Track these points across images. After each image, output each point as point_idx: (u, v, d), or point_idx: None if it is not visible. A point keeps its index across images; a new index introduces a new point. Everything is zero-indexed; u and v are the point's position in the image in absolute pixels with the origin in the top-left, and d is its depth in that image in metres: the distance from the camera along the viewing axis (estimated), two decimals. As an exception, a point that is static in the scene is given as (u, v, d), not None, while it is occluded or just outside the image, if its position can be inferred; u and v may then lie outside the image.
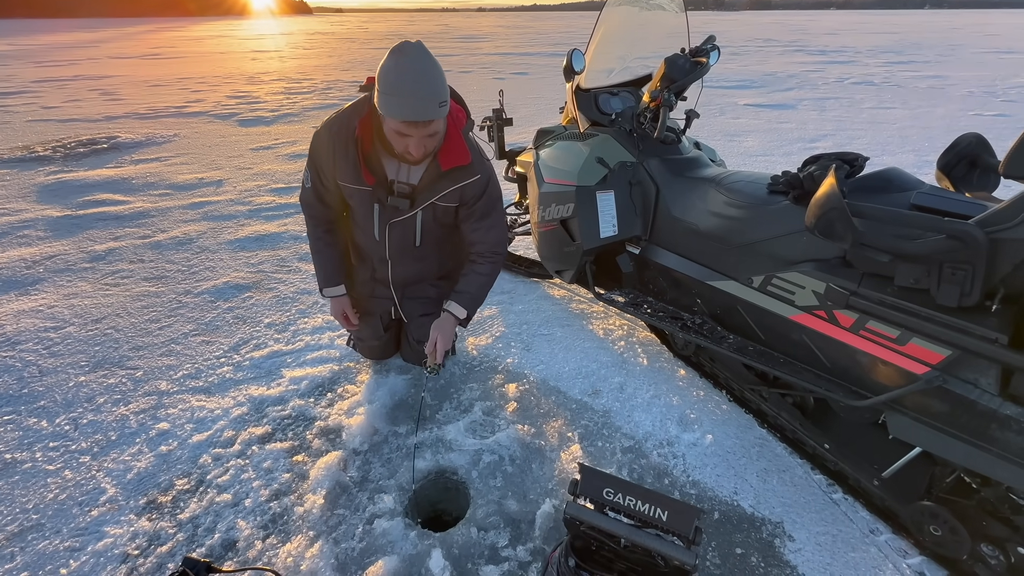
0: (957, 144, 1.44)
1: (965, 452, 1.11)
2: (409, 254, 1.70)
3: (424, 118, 1.29)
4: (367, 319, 1.86)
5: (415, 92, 1.25)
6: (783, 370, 1.47)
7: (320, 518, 1.41)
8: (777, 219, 1.48)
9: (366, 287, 1.82)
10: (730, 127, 6.14)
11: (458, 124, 1.52)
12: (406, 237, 1.65)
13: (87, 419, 1.78)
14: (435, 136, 1.39)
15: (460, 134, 1.51)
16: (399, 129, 1.33)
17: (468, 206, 1.60)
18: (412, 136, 1.34)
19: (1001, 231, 1.01)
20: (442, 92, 1.30)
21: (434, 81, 1.28)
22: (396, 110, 1.28)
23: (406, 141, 1.36)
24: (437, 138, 1.41)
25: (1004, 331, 1.02)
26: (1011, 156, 0.99)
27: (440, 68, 1.31)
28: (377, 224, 1.61)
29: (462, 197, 1.57)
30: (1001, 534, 1.17)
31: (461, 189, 1.55)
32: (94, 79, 10.91)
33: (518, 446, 1.62)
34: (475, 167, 1.53)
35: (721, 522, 1.40)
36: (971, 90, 8.47)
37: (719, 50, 2.03)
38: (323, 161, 1.54)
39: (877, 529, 1.38)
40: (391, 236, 1.63)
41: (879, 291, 1.22)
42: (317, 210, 1.68)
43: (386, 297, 1.81)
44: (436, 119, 1.32)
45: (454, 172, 1.51)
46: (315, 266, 1.76)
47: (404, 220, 1.59)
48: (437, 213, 1.60)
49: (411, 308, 1.83)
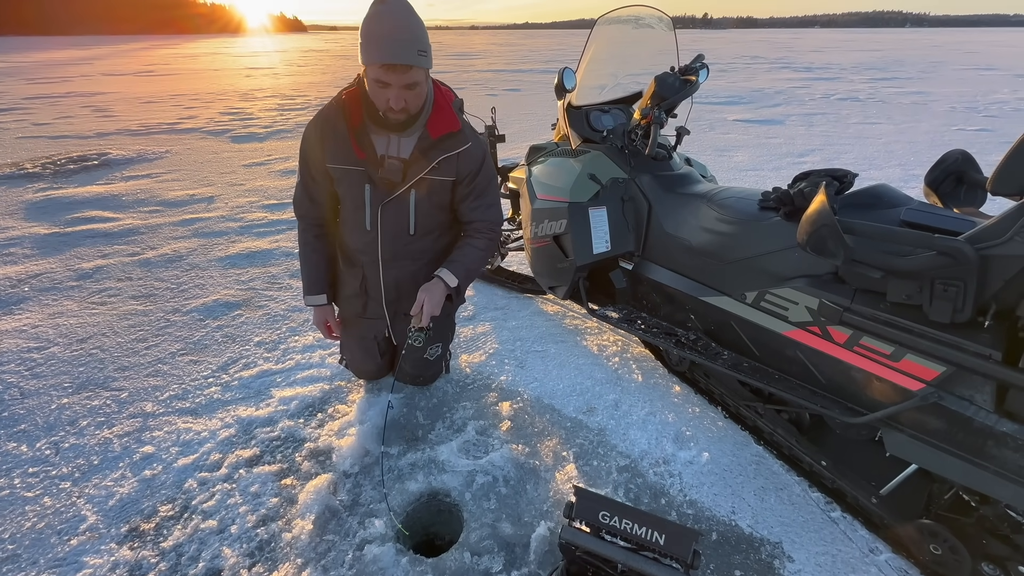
0: (944, 160, 1.46)
1: (963, 470, 1.10)
2: (403, 250, 1.63)
3: (402, 60, 1.28)
4: (361, 343, 1.82)
5: (392, 35, 1.26)
6: (778, 387, 1.46)
7: (308, 544, 1.37)
8: (769, 235, 1.48)
9: (356, 303, 1.75)
10: (720, 142, 6.22)
11: (447, 98, 1.53)
12: (399, 222, 1.58)
13: (69, 443, 1.73)
14: (415, 89, 1.35)
15: (450, 106, 1.52)
16: (378, 76, 1.31)
17: (466, 182, 1.57)
18: (392, 86, 1.32)
19: (991, 247, 1.01)
20: (421, 40, 1.30)
21: (413, 28, 1.28)
22: (375, 53, 1.28)
23: (387, 92, 1.34)
24: (418, 93, 1.37)
25: (997, 347, 1.02)
26: (998, 173, 1.00)
27: (420, 20, 1.31)
28: (369, 208, 1.54)
29: (458, 171, 1.54)
30: (1002, 553, 1.16)
31: (456, 159, 1.51)
32: (86, 96, 10.90)
33: (512, 466, 1.59)
34: (466, 135, 1.52)
35: (719, 543, 1.37)
36: (953, 106, 8.66)
37: (708, 68, 2.05)
38: (312, 150, 1.53)
39: (877, 548, 1.36)
40: (383, 223, 1.56)
41: (872, 307, 1.21)
42: (306, 209, 1.65)
43: (378, 316, 1.76)
44: (415, 66, 1.30)
45: (444, 141, 1.49)
46: (301, 273, 1.73)
47: (397, 201, 1.53)
48: (431, 191, 1.55)
49: (403, 328, 1.76)
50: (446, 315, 1.80)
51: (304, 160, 1.57)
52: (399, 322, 1.77)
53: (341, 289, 1.76)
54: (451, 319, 1.93)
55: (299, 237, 1.71)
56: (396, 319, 1.77)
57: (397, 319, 1.77)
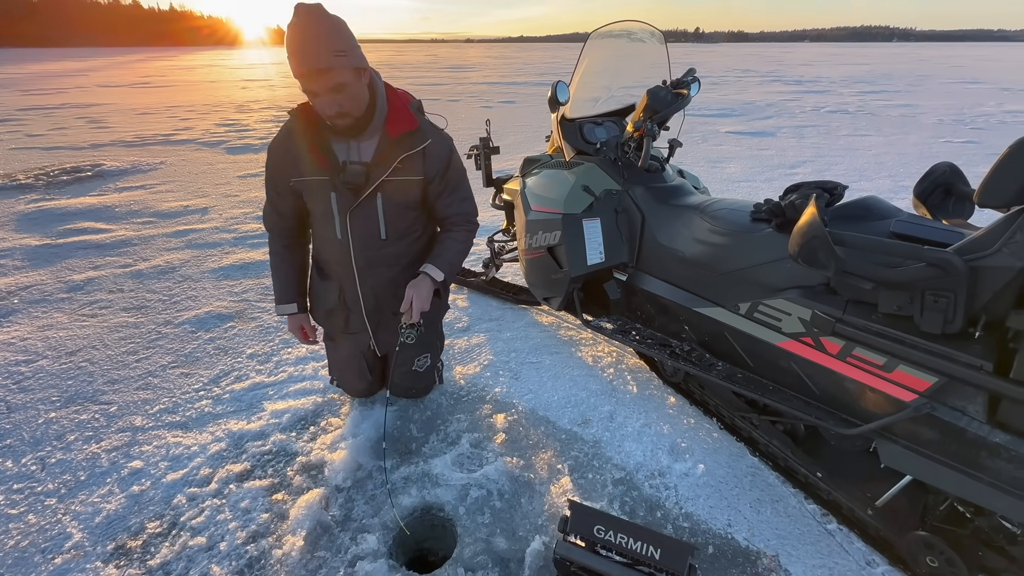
0: (932, 173, 1.48)
1: (957, 481, 1.10)
2: (376, 256, 1.60)
3: (316, 65, 1.28)
4: (349, 361, 1.81)
5: (305, 43, 1.26)
6: (772, 397, 1.46)
7: (300, 561, 1.34)
8: (761, 247, 1.49)
9: (337, 318, 1.72)
10: (713, 154, 6.29)
11: (404, 100, 1.54)
12: (370, 227, 1.55)
13: (55, 458, 1.70)
14: (345, 91, 1.34)
15: (407, 107, 1.52)
16: (305, 87, 1.32)
17: (438, 180, 1.57)
18: (319, 93, 1.32)
19: (980, 259, 1.02)
20: (335, 42, 1.29)
21: (326, 31, 1.28)
22: (294, 65, 1.29)
23: (319, 100, 1.34)
24: (350, 95, 1.36)
25: (988, 358, 1.03)
26: (984, 186, 1.01)
27: (337, 21, 1.31)
28: (337, 216, 1.52)
29: (425, 169, 1.54)
30: (998, 565, 1.15)
31: (421, 158, 1.51)
32: (81, 107, 10.90)
33: (507, 480, 1.58)
34: (425, 132, 1.52)
35: (716, 556, 1.36)
36: (941, 118, 8.81)
37: (699, 82, 2.08)
38: (276, 166, 1.53)
39: (873, 561, 1.35)
40: (353, 229, 1.54)
41: (864, 318, 1.22)
42: (273, 223, 1.65)
43: (361, 329, 1.73)
44: (334, 68, 1.30)
45: (404, 140, 1.49)
46: (273, 285, 1.72)
47: (364, 205, 1.52)
48: (398, 191, 1.54)
49: (386, 339, 1.75)
50: (434, 316, 1.79)
51: (269, 175, 1.57)
52: (382, 332, 1.74)
53: (321, 305, 1.73)
54: (438, 328, 1.92)
55: (269, 248, 1.71)
56: (379, 330, 1.73)
57: (380, 329, 1.73)
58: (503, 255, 2.84)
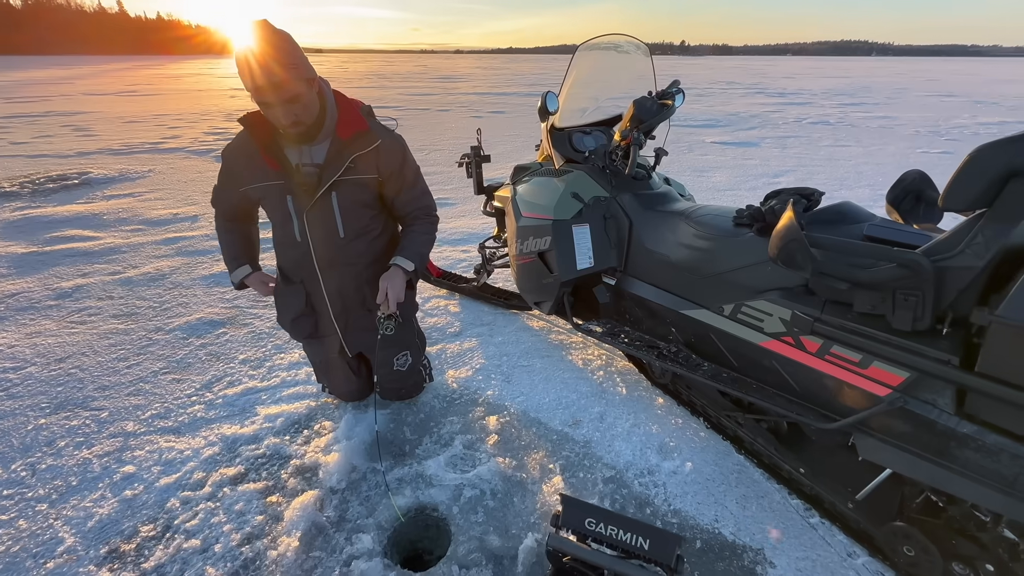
0: (903, 180, 1.56)
1: (929, 471, 1.16)
2: (337, 256, 1.62)
3: (271, 79, 1.32)
4: (331, 366, 1.83)
5: (257, 59, 1.31)
6: (756, 396, 1.51)
7: (295, 562, 1.36)
8: (743, 250, 1.55)
9: (306, 324, 1.72)
10: (699, 163, 6.42)
11: (355, 105, 1.58)
12: (327, 227, 1.58)
13: (46, 464, 1.69)
14: (297, 102, 1.39)
15: (356, 111, 1.56)
16: (258, 99, 1.36)
17: (394, 178, 1.61)
18: (273, 105, 1.36)
19: (945, 259, 1.09)
20: (287, 56, 1.33)
21: (276, 46, 1.32)
22: (248, 80, 1.33)
23: (274, 112, 1.38)
24: (304, 104, 1.41)
25: (955, 353, 1.09)
26: (947, 191, 1.07)
27: (286, 37, 1.35)
28: (295, 219, 1.55)
29: (379, 168, 1.57)
30: (970, 552, 1.21)
31: (374, 157, 1.55)
32: (67, 115, 10.80)
33: (499, 480, 1.61)
34: (376, 133, 1.56)
35: (704, 551, 1.40)
36: (918, 130, 9.08)
37: (683, 93, 2.16)
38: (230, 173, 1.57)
39: (855, 552, 1.40)
40: (312, 230, 1.57)
41: (841, 317, 1.28)
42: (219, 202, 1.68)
43: (330, 332, 1.74)
44: (287, 81, 1.34)
45: (355, 141, 1.53)
46: (223, 258, 1.73)
47: (320, 206, 1.54)
48: (352, 190, 1.57)
49: (356, 338, 1.76)
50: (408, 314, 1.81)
51: (223, 176, 1.61)
52: (351, 333, 1.75)
53: (288, 313, 1.73)
54: (414, 325, 1.92)
55: (216, 224, 1.73)
56: (347, 331, 1.74)
57: (348, 330, 1.74)
58: (494, 261, 2.88)
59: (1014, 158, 1.00)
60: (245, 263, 1.72)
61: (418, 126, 9.40)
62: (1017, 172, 1.00)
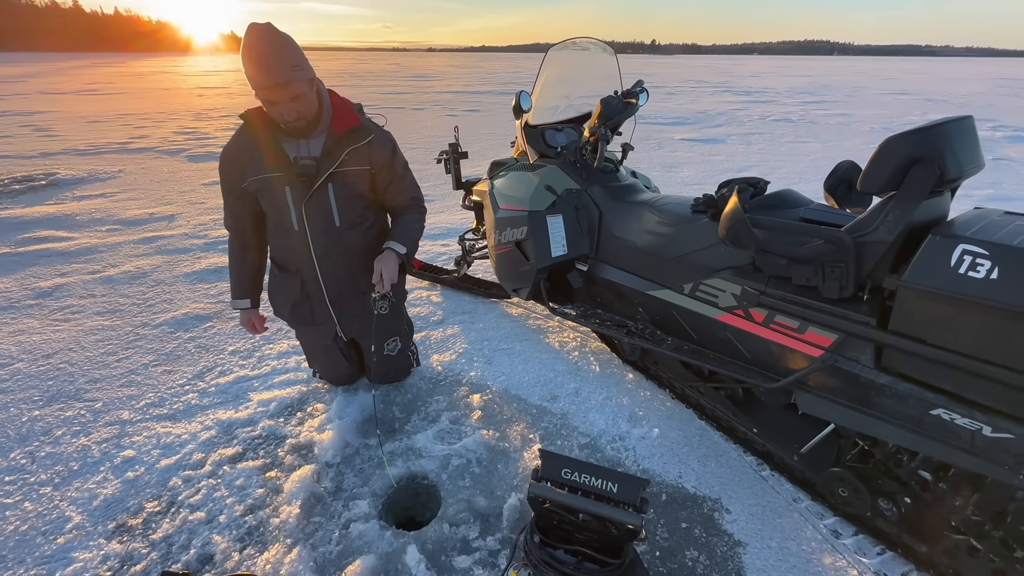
0: (838, 170, 1.75)
1: (856, 419, 1.35)
2: (334, 245, 1.70)
3: (277, 80, 1.43)
4: (324, 351, 1.92)
5: (265, 59, 1.42)
6: (714, 363, 1.69)
7: (296, 527, 1.47)
8: (699, 234, 1.72)
9: (303, 311, 1.80)
10: (668, 159, 6.66)
11: (347, 102, 1.71)
12: (324, 216, 1.66)
13: (45, 451, 1.75)
14: (301, 99, 1.50)
15: (350, 107, 1.69)
16: (265, 97, 1.47)
17: (385, 170, 1.73)
18: (279, 103, 1.47)
19: (863, 235, 1.27)
20: (291, 57, 1.45)
21: (282, 48, 1.44)
22: (255, 79, 1.43)
23: (278, 108, 1.49)
24: (306, 102, 1.52)
25: (873, 315, 1.27)
26: (863, 176, 1.26)
27: (288, 39, 1.47)
28: (293, 209, 1.63)
29: (371, 160, 1.69)
30: (892, 489, 1.40)
31: (366, 150, 1.67)
32: (25, 115, 10.42)
33: (484, 449, 1.74)
34: (368, 128, 1.70)
35: (668, 503, 1.57)
36: (873, 126, 9.57)
37: (647, 92, 2.32)
38: (230, 170, 1.65)
39: (799, 498, 1.59)
40: (309, 220, 1.65)
41: (782, 289, 1.46)
42: (231, 223, 1.74)
43: (326, 319, 1.83)
44: (292, 80, 1.46)
45: (350, 136, 1.65)
46: (230, 280, 1.82)
47: (318, 196, 1.63)
48: (347, 181, 1.66)
49: (351, 324, 1.86)
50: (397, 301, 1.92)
51: (224, 178, 1.68)
52: (345, 319, 1.84)
53: (284, 302, 1.80)
54: (401, 311, 2.03)
55: (228, 248, 1.80)
56: (343, 316, 1.83)
57: (343, 316, 1.83)
58: (473, 253, 3.01)
59: (915, 147, 1.19)
60: (247, 297, 1.81)
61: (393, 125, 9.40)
62: (918, 159, 1.19)
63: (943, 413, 1.17)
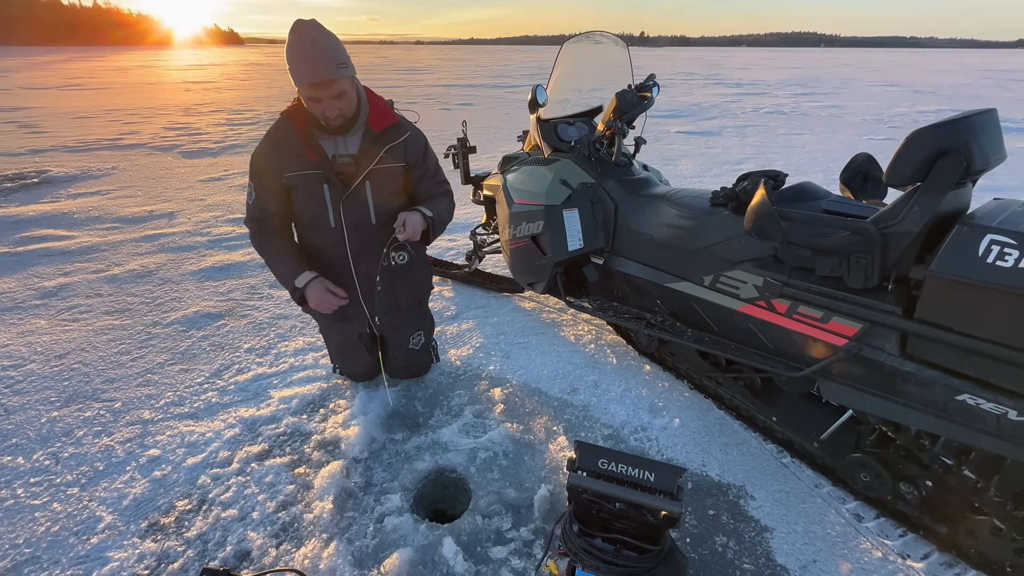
0: (853, 162, 1.79)
1: (880, 405, 1.38)
2: (368, 241, 1.70)
3: (324, 77, 1.44)
4: (348, 346, 1.93)
5: (312, 56, 1.42)
6: (736, 354, 1.72)
7: (331, 522, 1.48)
8: (721, 227, 1.75)
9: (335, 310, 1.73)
10: (665, 152, 6.70)
11: (382, 99, 1.72)
12: (361, 214, 1.67)
13: (68, 452, 1.74)
14: (344, 97, 1.52)
15: (386, 105, 1.70)
16: (309, 94, 1.48)
17: (418, 166, 1.75)
18: (323, 100, 1.48)
19: (889, 227, 1.30)
20: (337, 55, 1.46)
21: (328, 46, 1.45)
22: (301, 76, 1.44)
23: (320, 106, 1.50)
24: (347, 99, 1.54)
25: (898, 304, 1.30)
26: (890, 169, 1.29)
27: (334, 37, 1.48)
28: (331, 207, 1.63)
29: (406, 157, 1.71)
30: (913, 472, 1.44)
31: (402, 147, 1.69)
32: (8, 111, 10.18)
33: (510, 442, 1.76)
34: (404, 126, 1.72)
35: (694, 490, 1.60)
36: (864, 118, 9.67)
37: (659, 86, 2.34)
38: (265, 166, 1.62)
39: (820, 483, 1.63)
40: (346, 217, 1.65)
41: (805, 280, 1.49)
42: (260, 218, 1.68)
43: (358, 315, 1.83)
44: (337, 78, 1.47)
45: (387, 133, 1.66)
46: (278, 274, 1.71)
47: (355, 194, 1.63)
48: (384, 179, 1.67)
49: (382, 321, 1.86)
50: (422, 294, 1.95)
51: (256, 178, 1.65)
52: (378, 315, 1.85)
53: None
54: (426, 308, 2.05)
55: (257, 243, 1.72)
56: (375, 313, 1.84)
57: (376, 312, 1.84)
58: (484, 248, 3.01)
59: (942, 140, 1.22)
60: (307, 269, 1.67)
61: (388, 119, 9.34)
62: (944, 151, 1.22)
63: (968, 398, 1.21)
